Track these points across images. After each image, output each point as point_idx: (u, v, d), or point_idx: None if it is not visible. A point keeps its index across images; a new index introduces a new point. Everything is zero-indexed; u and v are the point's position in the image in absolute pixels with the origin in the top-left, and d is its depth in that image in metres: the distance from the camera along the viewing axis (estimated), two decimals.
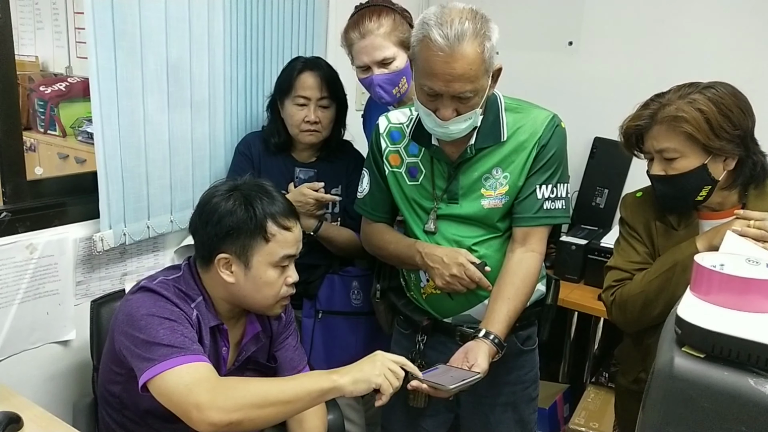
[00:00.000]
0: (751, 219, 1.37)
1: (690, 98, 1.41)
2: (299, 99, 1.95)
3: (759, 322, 0.82)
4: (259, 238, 1.41)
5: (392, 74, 1.82)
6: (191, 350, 1.32)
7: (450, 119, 1.44)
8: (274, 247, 1.43)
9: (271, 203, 1.44)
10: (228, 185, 1.49)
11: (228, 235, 1.41)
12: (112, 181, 1.81)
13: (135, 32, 1.80)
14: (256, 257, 1.42)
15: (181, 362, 1.28)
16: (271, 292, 1.45)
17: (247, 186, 1.47)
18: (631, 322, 1.56)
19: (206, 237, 1.44)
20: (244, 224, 1.41)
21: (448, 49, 1.36)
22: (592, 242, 2.50)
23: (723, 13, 2.45)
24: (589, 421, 2.41)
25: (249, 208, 1.42)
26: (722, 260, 0.90)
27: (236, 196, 1.44)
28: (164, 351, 1.30)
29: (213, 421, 1.23)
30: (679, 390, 0.81)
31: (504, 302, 1.52)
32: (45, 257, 1.77)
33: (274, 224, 1.42)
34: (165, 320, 1.34)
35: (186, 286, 1.45)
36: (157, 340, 1.31)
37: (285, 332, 1.66)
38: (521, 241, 1.58)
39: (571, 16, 2.75)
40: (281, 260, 1.44)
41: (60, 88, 2.76)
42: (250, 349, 1.55)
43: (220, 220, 1.42)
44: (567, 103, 2.00)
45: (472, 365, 1.43)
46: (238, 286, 1.44)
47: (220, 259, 1.42)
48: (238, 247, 1.41)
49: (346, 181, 2.03)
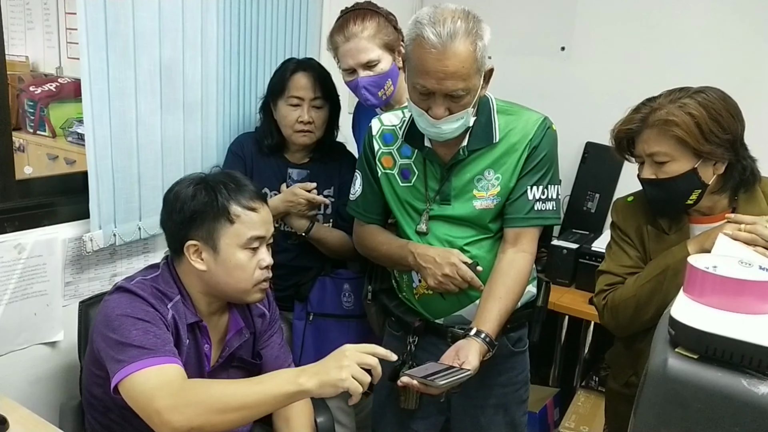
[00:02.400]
0: (742, 223, 1.38)
1: (681, 102, 1.42)
2: (292, 99, 1.95)
3: (752, 323, 0.83)
4: (223, 220, 1.41)
5: (377, 77, 1.83)
6: (162, 351, 1.31)
7: (442, 118, 1.45)
8: (240, 229, 1.42)
9: (236, 187, 1.44)
10: (194, 176, 1.49)
11: (192, 221, 1.41)
12: (103, 181, 1.80)
13: (128, 33, 1.79)
14: (224, 240, 1.41)
15: (149, 364, 1.28)
16: (244, 275, 1.44)
17: (214, 176, 1.48)
18: (623, 326, 1.57)
19: (173, 226, 1.45)
20: (206, 207, 1.41)
21: (440, 46, 1.37)
22: (583, 246, 2.51)
23: (714, 20, 2.48)
24: (579, 425, 2.42)
25: (211, 192, 1.42)
26: (715, 262, 0.90)
27: (199, 183, 1.45)
28: (134, 352, 1.29)
29: (174, 427, 1.22)
30: (672, 391, 0.82)
31: (495, 301, 1.53)
32: (33, 257, 1.75)
33: (237, 205, 1.42)
34: (138, 321, 1.33)
35: (164, 284, 1.44)
36: (129, 341, 1.30)
37: (270, 330, 1.64)
38: (512, 242, 1.59)
39: (563, 21, 2.77)
40: (249, 242, 1.43)
41: (50, 89, 2.73)
42: (234, 345, 1.53)
43: (183, 206, 1.42)
44: (559, 107, 2.01)
45: (462, 363, 1.43)
46: (211, 273, 1.43)
47: (188, 247, 1.42)
48: (204, 232, 1.41)
49: (339, 182, 2.03)
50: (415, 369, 1.43)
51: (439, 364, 1.45)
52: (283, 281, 2.04)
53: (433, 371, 1.39)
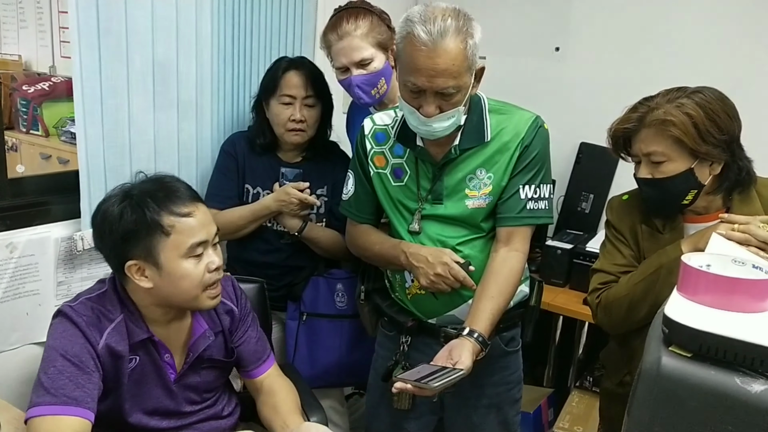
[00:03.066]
0: (736, 223, 1.38)
1: (678, 102, 1.42)
2: (284, 98, 1.94)
3: (746, 321, 0.83)
4: (159, 234, 1.34)
5: (370, 75, 1.83)
6: (64, 401, 1.29)
7: (433, 116, 1.45)
8: (178, 239, 1.35)
9: (166, 195, 1.36)
10: (118, 191, 1.40)
11: (126, 241, 1.34)
12: (94, 180, 1.79)
13: (120, 30, 1.78)
14: (164, 254, 1.35)
15: (46, 412, 1.28)
16: (192, 283, 1.38)
17: (139, 186, 1.39)
18: (617, 324, 1.57)
19: (108, 250, 1.39)
20: (137, 225, 1.33)
21: (431, 44, 1.38)
22: (578, 246, 2.52)
23: (709, 19, 2.48)
24: (573, 425, 2.42)
25: (137, 208, 1.34)
26: (709, 261, 0.90)
27: (123, 199, 1.37)
28: (39, 394, 1.29)
29: None
30: (666, 389, 0.81)
31: (488, 300, 1.53)
32: (25, 257, 1.74)
33: (169, 215, 1.35)
34: (59, 357, 1.32)
35: (109, 302, 1.40)
36: (43, 378, 1.31)
37: (242, 326, 1.60)
38: (505, 241, 1.59)
39: (557, 21, 2.77)
40: (191, 249, 1.36)
41: (43, 88, 2.73)
42: (199, 349, 1.50)
43: (112, 228, 1.35)
44: (553, 108, 2.01)
45: (455, 363, 1.42)
46: (158, 288, 1.38)
47: (130, 267, 1.36)
48: (141, 250, 1.34)
49: (332, 181, 2.02)
50: (408, 372, 1.42)
51: (432, 365, 1.45)
52: (276, 281, 2.03)
53: (426, 373, 1.39)
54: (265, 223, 2.02)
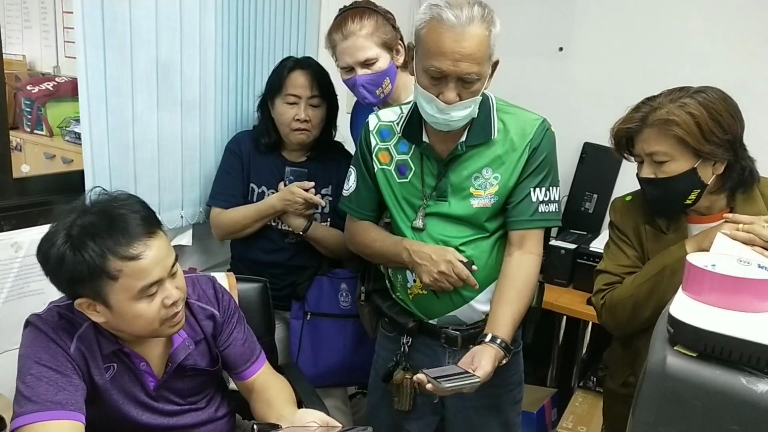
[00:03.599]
0: (740, 222, 1.38)
1: (681, 102, 1.41)
2: (289, 97, 1.95)
3: (751, 321, 0.82)
4: (105, 279, 1.22)
5: (375, 75, 1.82)
6: (48, 406, 1.24)
7: (453, 103, 1.44)
8: (126, 282, 1.23)
9: (110, 236, 1.22)
10: (60, 226, 1.25)
11: (72, 284, 1.25)
12: (99, 179, 1.79)
13: (125, 30, 1.78)
14: (113, 296, 1.24)
15: (32, 420, 1.23)
16: (146, 322, 1.29)
17: (81, 222, 1.24)
18: (621, 325, 1.56)
19: (57, 285, 1.29)
20: (79, 272, 1.22)
21: (459, 28, 1.38)
22: (581, 247, 2.51)
23: (712, 19, 2.48)
24: (577, 426, 2.41)
25: (77, 253, 1.21)
26: (714, 260, 0.90)
27: (66, 240, 1.23)
28: (22, 403, 1.25)
29: None
30: (671, 389, 0.81)
31: (507, 305, 1.53)
32: (30, 256, 1.73)
33: (115, 259, 1.21)
34: (35, 365, 1.28)
35: (75, 311, 1.33)
36: (23, 388, 1.26)
37: (227, 329, 1.53)
38: (518, 244, 1.59)
39: (561, 21, 2.77)
40: (143, 291, 1.26)
41: (47, 88, 2.72)
42: (180, 357, 1.44)
43: (56, 270, 1.24)
44: (557, 108, 2.01)
45: (476, 368, 1.43)
46: (112, 323, 1.30)
47: (81, 304, 1.28)
48: (89, 291, 1.25)
49: (337, 181, 2.02)
50: (434, 369, 1.45)
51: (457, 367, 1.46)
52: (280, 280, 2.03)
53: (448, 373, 1.41)
54: (270, 222, 2.02)
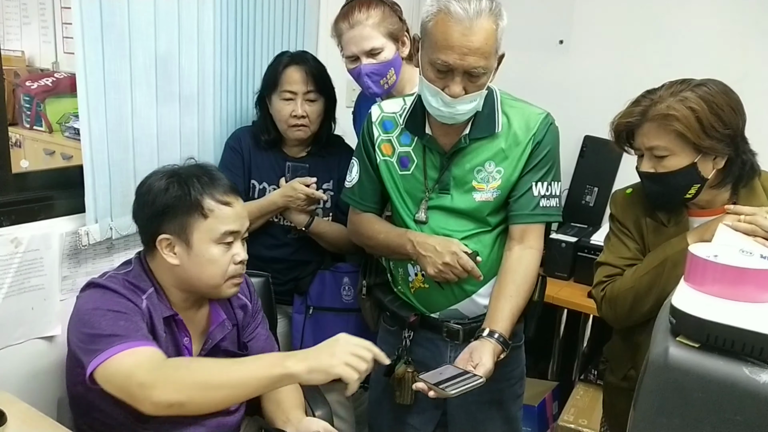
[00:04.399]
0: (742, 214, 1.37)
1: (681, 96, 1.40)
2: (286, 94, 1.94)
3: (754, 311, 0.82)
4: (197, 214, 1.39)
5: (380, 65, 1.82)
6: (134, 337, 1.30)
7: (459, 96, 1.44)
8: (213, 223, 1.40)
9: (210, 181, 1.42)
10: (167, 169, 1.46)
11: (164, 214, 1.39)
12: (99, 174, 1.79)
13: (123, 25, 1.77)
14: (196, 235, 1.39)
15: (122, 348, 1.27)
16: (217, 270, 1.42)
17: (186, 169, 1.46)
18: (622, 318, 1.56)
19: (145, 220, 1.43)
20: (179, 201, 1.39)
21: (467, 21, 1.37)
22: (582, 240, 2.51)
23: (714, 12, 2.47)
24: (578, 419, 2.42)
25: (183, 186, 1.40)
26: (716, 251, 0.90)
27: (170, 176, 1.42)
28: (107, 341, 1.28)
29: (155, 401, 1.21)
30: (673, 380, 0.81)
31: (506, 300, 1.53)
32: (30, 251, 1.74)
33: (210, 200, 1.40)
34: (108, 312, 1.32)
35: (137, 278, 1.42)
36: (100, 331, 1.30)
37: (253, 322, 1.63)
38: (519, 239, 1.59)
39: (561, 14, 2.76)
40: (223, 236, 1.41)
41: (46, 84, 2.72)
42: (217, 337, 1.52)
43: (155, 200, 1.40)
44: (557, 101, 2.00)
45: (476, 365, 1.43)
46: (183, 268, 1.41)
47: (161, 241, 1.40)
48: (176, 225, 1.39)
49: (338, 175, 2.02)
50: (430, 373, 1.43)
51: (454, 367, 1.45)
52: (283, 275, 2.03)
53: (447, 376, 1.40)
54: (272, 218, 2.02)
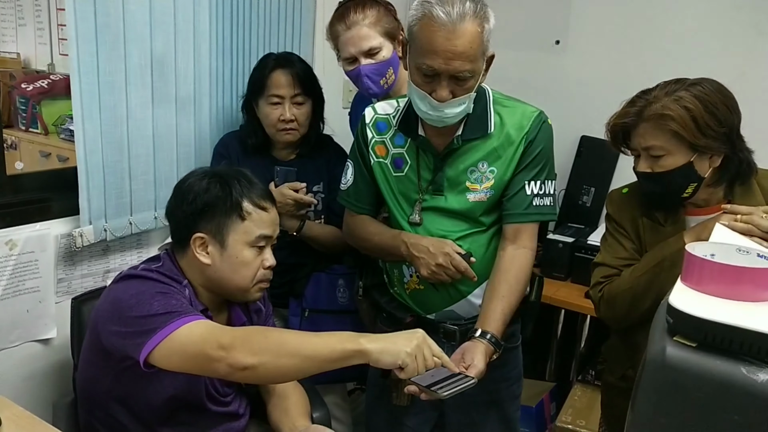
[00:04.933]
0: (739, 213, 1.37)
1: (676, 96, 1.40)
2: (272, 98, 1.92)
3: (751, 310, 0.82)
4: (235, 216, 1.41)
5: (379, 64, 1.81)
6: (192, 312, 1.30)
7: (446, 101, 1.43)
8: (249, 226, 1.42)
9: (249, 185, 1.45)
10: (205, 170, 1.51)
11: (203, 213, 1.41)
12: (93, 176, 1.78)
13: (118, 25, 1.77)
14: (232, 236, 1.41)
15: (185, 322, 1.26)
16: (248, 273, 1.44)
17: (225, 170, 1.49)
18: (620, 318, 1.56)
19: (182, 216, 1.44)
20: (219, 201, 1.41)
21: (450, 25, 1.36)
22: (579, 240, 2.51)
23: (710, 12, 2.47)
24: (575, 419, 2.41)
25: (225, 187, 1.42)
26: (713, 250, 0.89)
27: (212, 177, 1.45)
28: (163, 318, 1.27)
29: (232, 362, 1.21)
30: (671, 379, 0.81)
31: (498, 300, 1.52)
32: (25, 253, 1.73)
33: (249, 203, 1.42)
34: (157, 294, 1.32)
35: (170, 272, 1.43)
36: (153, 311, 1.28)
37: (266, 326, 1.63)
38: (512, 238, 1.58)
39: (558, 14, 2.76)
40: (257, 240, 1.44)
41: (42, 86, 2.71)
42: None
43: (195, 198, 1.42)
44: (554, 101, 2.00)
45: (468, 366, 1.42)
46: (215, 268, 1.43)
47: (195, 239, 1.41)
48: (213, 225, 1.41)
49: (328, 177, 2.01)
50: (421, 376, 1.41)
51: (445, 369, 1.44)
52: (278, 278, 1.99)
53: (439, 378, 1.38)
54: None
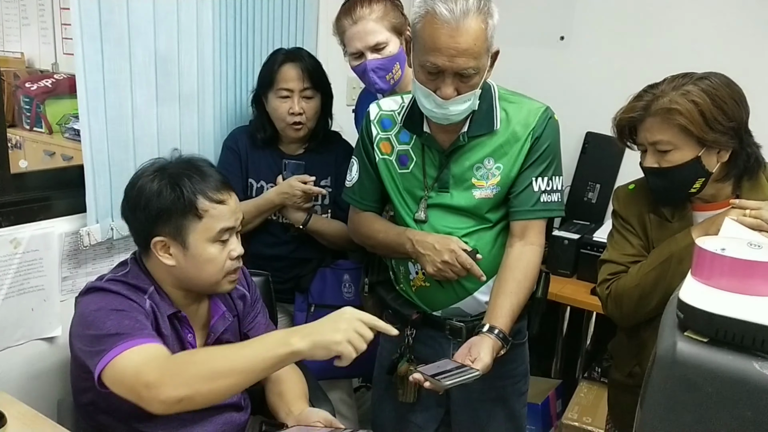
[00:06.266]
0: (747, 208, 1.36)
1: (684, 90, 1.39)
2: (282, 92, 1.94)
3: (763, 305, 0.81)
4: (191, 216, 1.37)
5: (386, 60, 1.81)
6: (140, 334, 1.29)
7: (451, 98, 1.42)
8: (209, 223, 1.39)
9: (201, 179, 1.40)
10: (155, 166, 1.43)
11: (158, 218, 1.37)
12: (99, 174, 1.78)
13: (122, 23, 1.76)
14: (192, 236, 1.38)
15: (129, 346, 1.26)
16: (215, 268, 1.41)
17: (175, 165, 1.43)
18: (627, 315, 1.55)
19: (137, 223, 1.41)
20: (172, 205, 1.37)
21: (453, 22, 1.35)
22: (585, 237, 2.50)
23: (715, 6, 2.46)
24: (582, 416, 2.40)
25: (176, 188, 1.37)
26: (724, 244, 0.88)
27: (162, 177, 1.39)
28: (112, 340, 1.27)
29: (163, 399, 1.20)
30: (682, 375, 0.80)
31: (507, 296, 1.52)
32: (30, 252, 1.73)
33: (204, 200, 1.38)
34: (112, 312, 1.31)
35: (136, 279, 1.41)
36: (105, 331, 1.29)
37: (252, 311, 1.63)
38: (520, 235, 1.57)
39: (562, 10, 2.75)
40: (219, 234, 1.40)
41: (46, 85, 2.72)
42: (219, 330, 1.51)
43: (148, 204, 1.37)
44: (559, 98, 1.98)
45: (474, 360, 1.42)
46: (180, 268, 1.40)
47: (156, 243, 1.39)
48: (171, 228, 1.37)
49: (336, 172, 2.02)
50: (429, 366, 1.42)
51: (453, 361, 1.44)
52: (284, 273, 2.03)
53: (445, 369, 1.39)
54: (271, 216, 2.01)
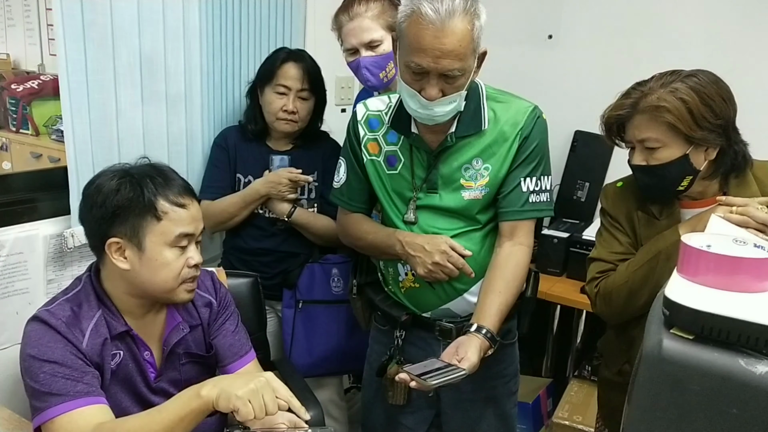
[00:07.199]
0: (734, 205, 1.36)
1: (672, 87, 1.39)
2: (280, 87, 1.96)
3: (748, 301, 0.81)
4: (150, 217, 1.32)
5: (379, 57, 1.83)
6: (72, 395, 1.25)
7: (436, 99, 1.41)
8: (167, 226, 1.33)
9: (164, 182, 1.35)
10: (117, 168, 1.38)
11: (115, 216, 1.31)
12: (83, 176, 1.76)
13: (106, 23, 1.75)
14: (149, 237, 1.32)
15: (60, 411, 1.24)
16: (171, 274, 1.35)
17: (139, 168, 1.38)
18: (616, 313, 1.55)
19: (93, 222, 1.35)
20: (131, 203, 1.31)
21: (438, 23, 1.34)
22: (574, 235, 2.50)
23: (702, 4, 2.46)
24: (572, 415, 2.41)
25: (136, 187, 1.32)
26: (709, 241, 0.88)
27: (122, 176, 1.35)
28: (45, 398, 1.25)
29: None
30: (668, 373, 0.80)
31: (495, 296, 1.51)
32: (13, 255, 1.71)
33: (165, 201, 1.33)
34: (45, 363, 1.27)
35: (85, 299, 1.36)
36: (39, 386, 1.26)
37: (220, 318, 1.56)
38: (509, 235, 1.57)
39: (550, 9, 2.75)
40: (177, 239, 1.34)
41: (32, 86, 2.69)
42: (171, 342, 1.45)
43: (105, 201, 1.32)
44: (547, 96, 1.99)
45: (461, 359, 1.41)
46: (135, 272, 1.34)
47: (110, 244, 1.32)
48: (127, 228, 1.32)
49: (322, 167, 2.03)
50: (415, 365, 1.41)
51: (440, 360, 1.43)
52: (271, 268, 2.03)
53: (431, 368, 1.38)
54: (257, 210, 2.02)
